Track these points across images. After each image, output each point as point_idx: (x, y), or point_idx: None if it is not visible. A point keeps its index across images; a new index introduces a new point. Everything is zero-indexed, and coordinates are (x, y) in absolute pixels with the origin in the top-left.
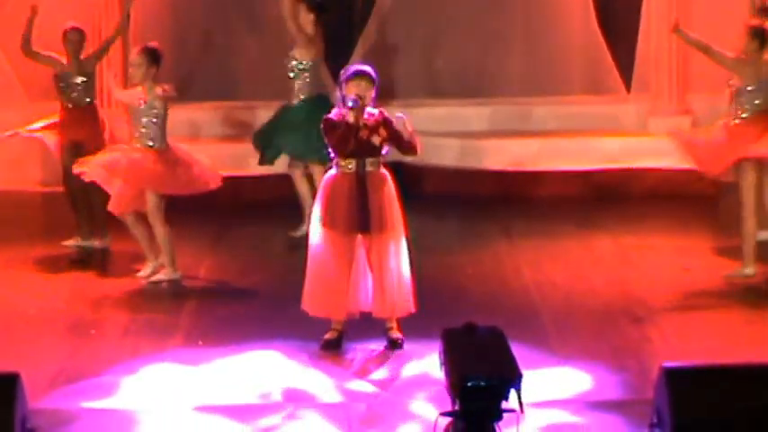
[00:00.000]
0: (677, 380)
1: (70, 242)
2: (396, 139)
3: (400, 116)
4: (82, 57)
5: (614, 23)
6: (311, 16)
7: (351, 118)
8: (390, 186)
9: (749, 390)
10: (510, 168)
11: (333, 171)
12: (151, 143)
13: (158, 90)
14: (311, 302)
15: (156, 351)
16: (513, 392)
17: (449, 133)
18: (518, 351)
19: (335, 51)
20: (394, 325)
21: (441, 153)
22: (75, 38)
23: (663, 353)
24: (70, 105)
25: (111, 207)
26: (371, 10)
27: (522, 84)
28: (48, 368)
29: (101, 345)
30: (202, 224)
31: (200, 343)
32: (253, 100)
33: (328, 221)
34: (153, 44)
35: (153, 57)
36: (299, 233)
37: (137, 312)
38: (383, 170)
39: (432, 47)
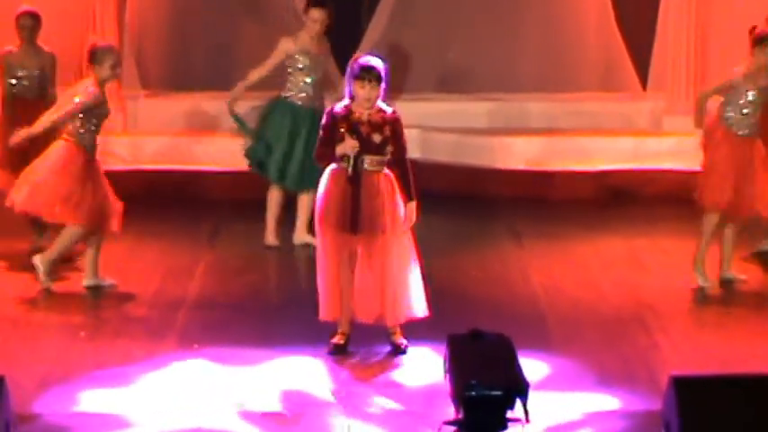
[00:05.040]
0: (686, 390)
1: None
2: (397, 145)
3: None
4: (44, 47)
5: (631, 18)
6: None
7: (339, 150)
8: (391, 187)
9: (759, 401)
10: (519, 167)
11: (334, 165)
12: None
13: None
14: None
15: (149, 354)
16: (518, 402)
17: (457, 129)
18: (524, 359)
19: (342, 43)
20: (397, 330)
21: (448, 150)
22: (28, 23)
23: (673, 361)
24: (18, 96)
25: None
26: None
27: (534, 80)
28: (35, 372)
29: (91, 348)
30: (199, 221)
31: (196, 346)
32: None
33: (323, 218)
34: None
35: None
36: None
37: (128, 313)
38: (385, 170)
39: (442, 40)
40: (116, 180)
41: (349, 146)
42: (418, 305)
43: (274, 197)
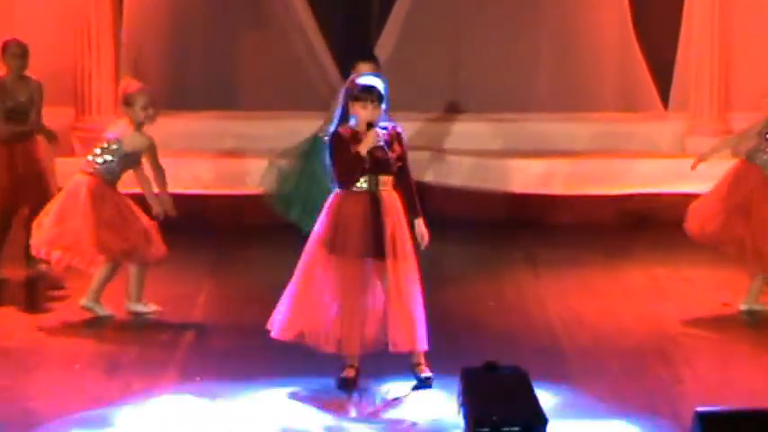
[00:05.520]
0: (712, 425)
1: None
2: (404, 159)
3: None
4: (31, 77)
5: (651, 36)
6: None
7: (363, 149)
8: (401, 209)
9: None
10: (535, 191)
11: (338, 188)
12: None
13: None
14: (300, 330)
15: (148, 388)
16: None
17: (470, 151)
18: (541, 392)
19: (349, 61)
20: (422, 360)
21: (461, 173)
22: (17, 52)
23: (698, 395)
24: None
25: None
26: (388, 15)
27: (550, 99)
28: (27, 407)
29: (86, 381)
30: (200, 248)
31: (198, 380)
32: (255, 110)
33: (337, 246)
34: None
35: None
36: None
37: (127, 345)
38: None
39: (453, 58)
40: None
41: (372, 136)
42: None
43: None
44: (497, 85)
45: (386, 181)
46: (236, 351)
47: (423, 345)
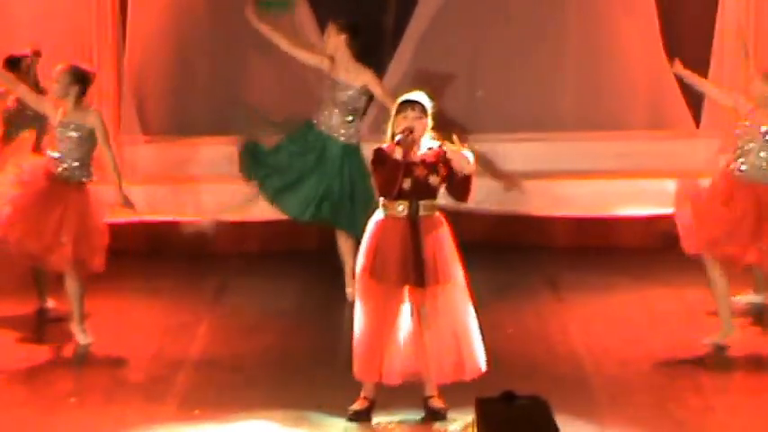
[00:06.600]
0: None
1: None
2: (453, 179)
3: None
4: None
5: (682, 49)
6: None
7: (398, 155)
8: (446, 232)
9: None
10: (558, 214)
11: (380, 214)
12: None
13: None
14: (354, 363)
15: (145, 421)
16: None
17: (489, 173)
18: (564, 425)
19: None
20: (435, 393)
21: (480, 195)
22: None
23: (731, 426)
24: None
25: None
26: (404, 32)
27: (576, 117)
28: None
29: (81, 414)
30: (202, 275)
31: (197, 413)
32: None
33: (376, 273)
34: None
35: (77, 77)
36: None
37: (123, 377)
38: (437, 214)
39: (472, 74)
40: (112, 233)
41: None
42: (479, 358)
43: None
44: (518, 104)
45: (426, 206)
46: (237, 384)
47: (464, 374)
